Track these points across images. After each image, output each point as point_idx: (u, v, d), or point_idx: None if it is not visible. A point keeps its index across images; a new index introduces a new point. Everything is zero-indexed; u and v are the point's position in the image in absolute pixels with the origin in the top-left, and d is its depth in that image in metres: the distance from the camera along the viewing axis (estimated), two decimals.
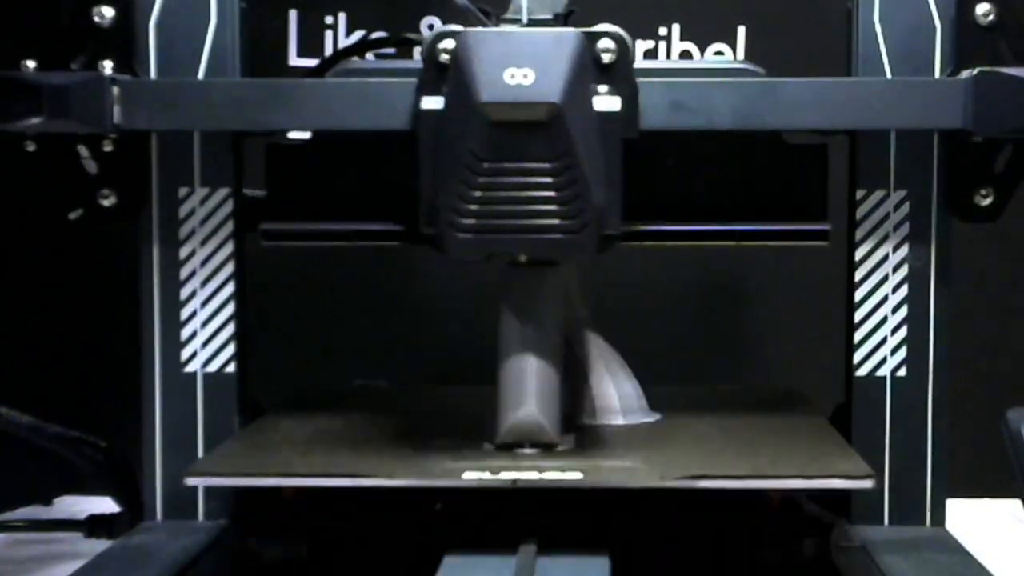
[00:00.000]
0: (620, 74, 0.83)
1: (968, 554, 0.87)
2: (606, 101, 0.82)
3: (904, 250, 0.94)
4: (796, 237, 0.93)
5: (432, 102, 0.82)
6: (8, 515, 1.19)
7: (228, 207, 0.95)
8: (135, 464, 0.98)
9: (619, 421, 0.96)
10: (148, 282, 0.95)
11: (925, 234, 0.93)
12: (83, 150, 0.91)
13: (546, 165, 0.80)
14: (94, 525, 1.04)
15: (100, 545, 0.92)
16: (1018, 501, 0.88)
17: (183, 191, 0.94)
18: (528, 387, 0.85)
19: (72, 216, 0.93)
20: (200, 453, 0.94)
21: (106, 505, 1.07)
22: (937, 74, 0.91)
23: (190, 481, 0.83)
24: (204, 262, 0.95)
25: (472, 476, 0.80)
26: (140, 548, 0.88)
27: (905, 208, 0.94)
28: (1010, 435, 0.88)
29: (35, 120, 0.85)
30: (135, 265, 0.95)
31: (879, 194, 0.94)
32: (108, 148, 0.91)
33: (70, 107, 0.86)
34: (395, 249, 0.94)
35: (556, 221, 0.81)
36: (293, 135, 0.96)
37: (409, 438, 0.89)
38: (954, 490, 0.96)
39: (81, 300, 1.32)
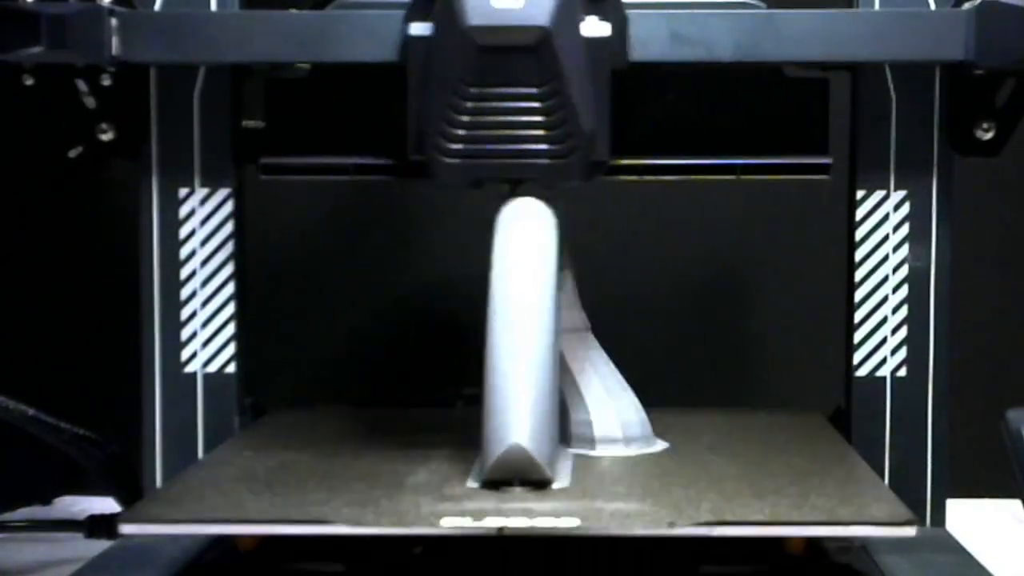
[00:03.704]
0: (610, 4, 0.83)
1: (968, 554, 0.87)
2: (595, 27, 0.82)
3: (904, 250, 0.94)
4: (797, 171, 0.93)
5: (420, 28, 0.83)
6: (8, 515, 1.19)
7: (228, 207, 0.95)
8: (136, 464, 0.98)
9: (621, 452, 0.89)
10: (148, 282, 0.95)
11: (925, 234, 0.93)
12: (82, 85, 0.91)
13: (534, 90, 0.81)
14: (94, 525, 1.04)
15: (100, 545, 0.92)
16: (1018, 501, 0.88)
17: (183, 191, 0.94)
18: (518, 414, 0.76)
19: (72, 154, 0.92)
20: (200, 453, 0.94)
21: (106, 505, 1.07)
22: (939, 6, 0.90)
23: (125, 529, 0.74)
24: (204, 262, 0.95)
25: (452, 523, 0.71)
26: (140, 548, 0.88)
27: (905, 208, 0.94)
28: (1010, 435, 0.88)
29: (33, 50, 0.85)
30: (135, 264, 0.95)
31: (879, 194, 0.94)
32: (106, 83, 0.91)
33: (68, 37, 0.85)
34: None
35: (544, 146, 0.81)
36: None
37: (385, 472, 0.82)
38: (954, 490, 0.96)
39: (82, 300, 1.31)
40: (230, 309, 0.95)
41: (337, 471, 0.83)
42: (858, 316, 0.94)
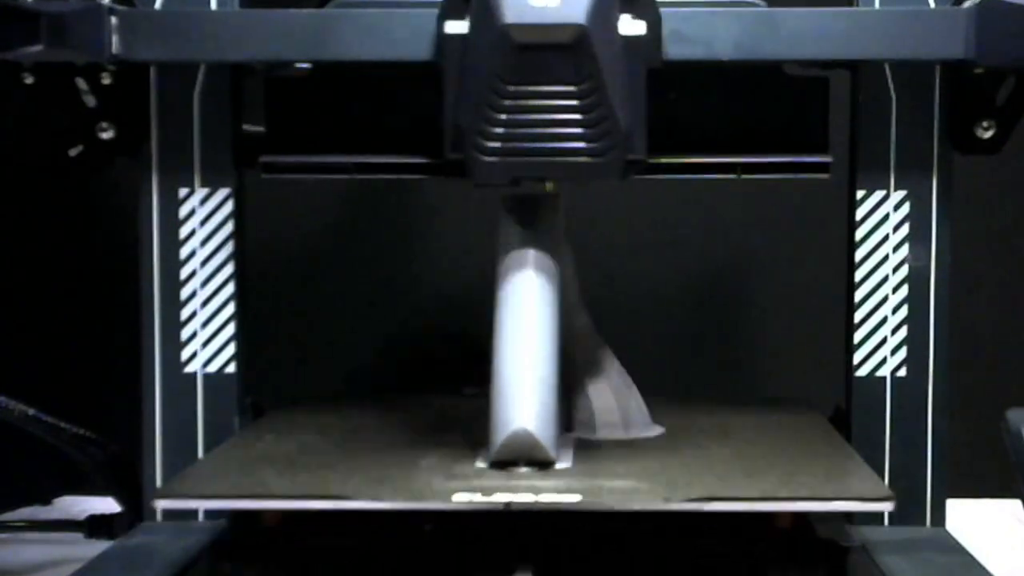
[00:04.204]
0: (644, 2, 0.83)
1: (968, 554, 0.87)
2: (631, 25, 0.82)
3: (904, 250, 0.94)
4: (797, 169, 0.93)
5: (456, 26, 0.83)
6: (8, 515, 1.19)
7: (228, 207, 0.95)
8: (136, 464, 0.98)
9: (620, 435, 0.92)
10: (148, 282, 0.95)
11: (925, 234, 0.93)
12: (82, 84, 0.91)
13: (571, 88, 0.81)
14: (94, 525, 1.05)
15: (100, 545, 0.92)
16: (1018, 501, 0.88)
17: (183, 191, 0.94)
18: (523, 400, 0.80)
19: (72, 152, 0.93)
20: (200, 453, 0.94)
21: (106, 505, 1.07)
22: (939, 4, 0.90)
23: (160, 504, 0.79)
24: (204, 262, 0.95)
25: (462, 498, 0.75)
26: (140, 548, 0.88)
27: (905, 208, 0.94)
28: (1010, 435, 0.88)
29: (33, 48, 0.85)
30: (135, 264, 0.95)
31: (879, 194, 0.94)
32: (106, 81, 0.92)
33: (68, 36, 0.85)
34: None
35: (582, 144, 0.81)
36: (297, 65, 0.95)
37: (397, 454, 0.86)
38: (954, 490, 0.96)
39: (82, 299, 1.32)
40: (230, 309, 0.95)
41: (351, 454, 0.86)
42: (858, 316, 0.94)
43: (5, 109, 0.98)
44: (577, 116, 0.81)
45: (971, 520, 1.02)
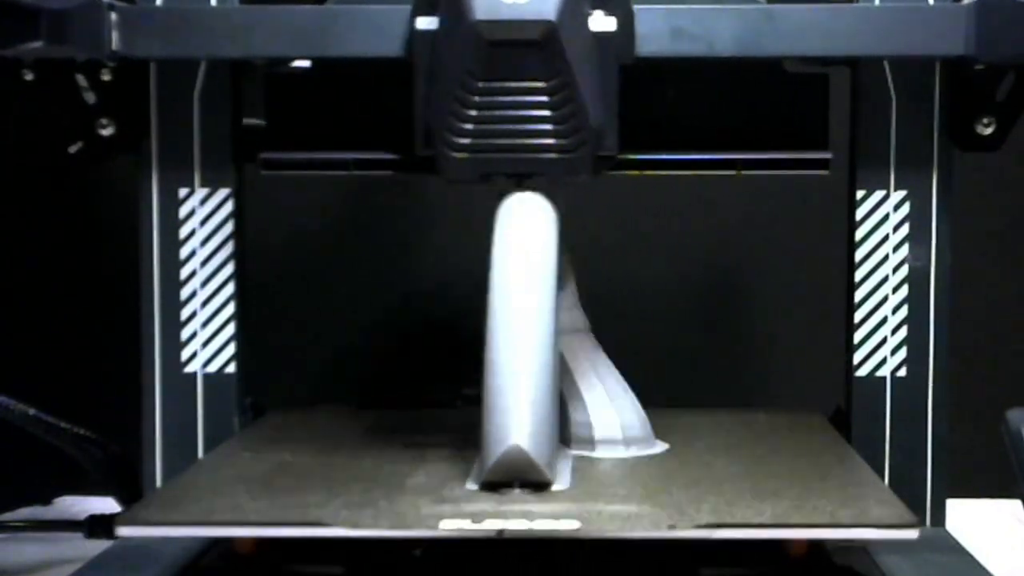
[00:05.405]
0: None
1: (968, 554, 0.87)
2: (601, 21, 0.82)
3: (904, 250, 0.94)
4: (797, 166, 0.93)
5: (426, 22, 0.83)
6: (8, 515, 1.19)
7: (228, 207, 0.95)
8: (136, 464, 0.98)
9: (621, 453, 0.89)
10: (148, 282, 0.95)
11: (925, 234, 0.93)
12: (82, 80, 0.92)
13: (541, 84, 0.80)
14: (94, 525, 1.04)
15: (100, 545, 0.92)
16: (1018, 501, 0.88)
17: (183, 191, 0.95)
18: (518, 414, 0.75)
19: (72, 149, 0.93)
20: (200, 453, 0.94)
21: (106, 505, 1.07)
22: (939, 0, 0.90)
23: (122, 531, 0.74)
24: (204, 262, 0.95)
25: (451, 525, 0.70)
26: (140, 548, 0.88)
27: (905, 208, 0.94)
28: (1010, 435, 0.88)
29: (33, 45, 0.85)
30: (135, 264, 0.95)
31: (879, 194, 0.94)
32: (106, 77, 0.92)
33: (68, 32, 0.85)
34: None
35: (552, 140, 0.81)
36: (294, 64, 0.96)
37: (382, 474, 0.81)
38: (954, 490, 0.96)
39: (82, 299, 1.32)
40: (230, 309, 0.95)
41: (335, 472, 0.83)
42: (858, 316, 0.94)
43: (5, 107, 0.97)
44: (547, 112, 0.81)
45: (971, 520, 1.02)
